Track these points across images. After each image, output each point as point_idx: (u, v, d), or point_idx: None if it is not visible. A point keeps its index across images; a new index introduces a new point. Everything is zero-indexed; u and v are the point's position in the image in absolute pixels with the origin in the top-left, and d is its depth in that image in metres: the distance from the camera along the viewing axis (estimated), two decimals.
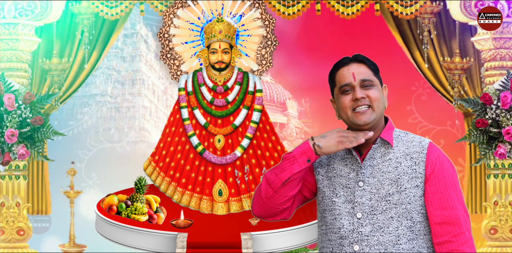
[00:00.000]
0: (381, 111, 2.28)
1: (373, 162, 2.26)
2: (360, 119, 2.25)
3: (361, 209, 2.22)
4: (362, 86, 2.26)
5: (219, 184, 5.42)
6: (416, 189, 2.21)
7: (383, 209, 2.20)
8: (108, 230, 5.23)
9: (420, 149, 2.25)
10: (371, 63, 2.31)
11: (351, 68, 2.29)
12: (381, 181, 2.23)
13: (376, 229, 2.20)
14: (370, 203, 2.22)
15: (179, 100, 5.50)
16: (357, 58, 2.31)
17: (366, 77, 2.26)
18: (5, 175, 5.60)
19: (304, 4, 5.79)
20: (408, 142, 2.28)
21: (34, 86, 5.78)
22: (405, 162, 2.24)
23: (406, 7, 5.78)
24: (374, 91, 2.26)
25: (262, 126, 5.53)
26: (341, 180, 2.29)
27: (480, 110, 5.23)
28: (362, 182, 2.24)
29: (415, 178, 2.22)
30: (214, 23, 5.39)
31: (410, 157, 2.24)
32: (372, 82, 2.27)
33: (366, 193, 2.23)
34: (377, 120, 2.27)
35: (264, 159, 5.47)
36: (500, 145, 5.15)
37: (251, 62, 5.55)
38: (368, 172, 2.25)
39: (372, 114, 2.25)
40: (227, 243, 4.97)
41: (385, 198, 2.21)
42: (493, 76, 5.63)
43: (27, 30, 5.64)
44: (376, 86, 2.27)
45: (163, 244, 5.07)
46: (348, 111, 2.27)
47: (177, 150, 5.46)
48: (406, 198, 2.20)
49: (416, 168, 2.22)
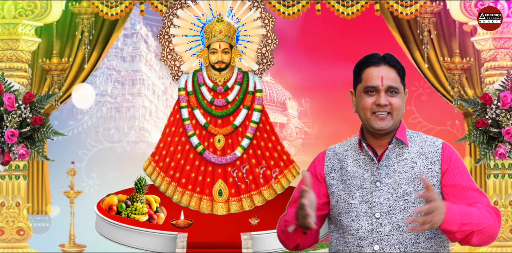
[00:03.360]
0: (399, 118, 2.29)
1: (388, 163, 2.27)
2: (378, 124, 2.26)
3: (379, 209, 2.23)
4: (387, 92, 2.25)
5: (219, 184, 5.42)
6: (433, 188, 2.19)
7: (402, 208, 2.22)
8: (108, 230, 5.23)
9: (435, 148, 2.28)
10: (401, 68, 2.29)
11: (382, 71, 2.26)
12: (397, 181, 2.24)
13: (395, 228, 2.21)
14: (388, 203, 2.23)
15: (179, 100, 5.50)
16: (389, 62, 2.28)
17: (393, 84, 2.25)
18: (5, 175, 5.60)
19: (304, 4, 5.79)
20: (421, 142, 2.30)
21: (34, 86, 5.78)
22: (421, 162, 2.26)
23: (406, 7, 5.78)
24: (397, 99, 2.25)
25: (262, 126, 5.53)
26: (355, 181, 2.29)
27: (480, 110, 5.23)
28: (379, 182, 2.26)
29: (431, 177, 2.24)
30: (214, 23, 5.39)
31: (425, 157, 2.27)
32: (398, 89, 2.25)
33: (384, 193, 2.24)
34: (393, 126, 2.29)
35: (264, 159, 5.47)
36: (500, 145, 5.15)
37: (251, 62, 5.55)
38: (385, 172, 2.26)
39: (390, 121, 2.26)
40: (227, 243, 4.97)
41: (403, 198, 2.22)
42: (493, 76, 5.63)
43: (27, 30, 5.64)
44: (400, 94, 2.26)
45: (163, 244, 5.07)
46: (367, 112, 2.27)
47: (177, 150, 5.46)
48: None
49: (432, 167, 2.25)
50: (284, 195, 5.45)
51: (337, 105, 6.00)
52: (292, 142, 6.48)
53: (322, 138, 6.16)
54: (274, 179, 5.40)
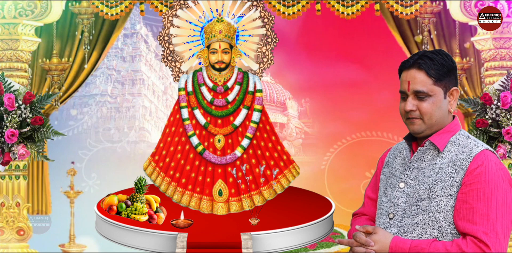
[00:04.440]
0: (433, 122, 2.19)
1: (421, 165, 2.22)
2: (411, 128, 2.23)
3: (395, 210, 2.22)
4: (415, 97, 2.19)
5: (219, 184, 5.42)
6: (449, 198, 2.13)
7: (412, 213, 2.18)
8: (108, 230, 5.23)
9: (467, 156, 2.15)
10: (435, 69, 2.17)
11: (409, 75, 2.19)
12: (420, 185, 2.18)
13: (400, 232, 2.19)
14: (404, 206, 2.20)
15: (179, 100, 5.49)
16: (419, 65, 2.18)
17: (420, 89, 2.17)
18: (5, 175, 5.60)
19: (304, 4, 5.79)
20: (460, 148, 2.19)
21: (34, 86, 5.78)
22: (447, 169, 2.16)
23: (406, 7, 5.78)
24: (426, 103, 2.17)
25: (262, 126, 5.53)
26: (393, 179, 2.29)
27: (480, 110, 5.23)
28: (404, 183, 2.23)
29: (450, 187, 2.13)
30: (214, 23, 5.39)
31: (454, 164, 2.15)
32: (427, 93, 2.17)
33: (404, 195, 2.21)
34: (429, 129, 2.21)
35: (264, 159, 5.47)
36: (500, 145, 5.15)
37: (251, 62, 5.55)
38: (413, 174, 2.22)
39: (421, 126, 2.20)
40: (227, 243, 4.97)
41: (416, 203, 2.17)
42: (493, 76, 5.63)
43: (27, 30, 5.64)
44: (432, 97, 2.17)
45: (163, 244, 5.06)
46: (403, 117, 2.26)
47: (177, 150, 5.46)
48: (435, 206, 2.14)
49: (454, 176, 2.13)
50: (284, 195, 5.45)
51: (337, 105, 6.00)
52: (292, 142, 6.48)
53: (322, 138, 6.16)
54: (275, 179, 5.40)
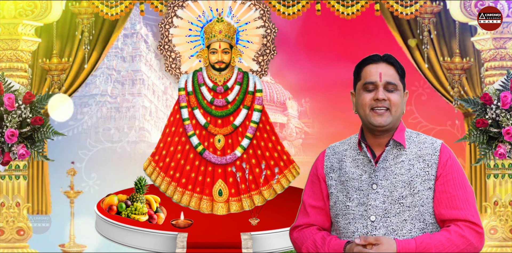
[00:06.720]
0: (398, 115, 2.28)
1: (386, 164, 2.26)
2: (376, 120, 2.25)
3: (374, 212, 2.23)
4: (385, 88, 2.26)
5: (219, 184, 5.42)
6: (429, 191, 2.22)
7: (397, 212, 2.21)
8: (108, 230, 5.23)
9: (433, 151, 2.26)
10: (400, 67, 2.31)
11: (380, 68, 2.28)
12: (394, 183, 2.23)
13: (390, 232, 2.21)
14: (384, 206, 2.22)
15: (179, 100, 5.50)
16: (388, 59, 2.30)
17: (392, 80, 2.26)
18: (5, 175, 5.60)
19: (304, 4, 5.79)
20: (420, 144, 2.29)
21: (34, 86, 5.78)
22: (418, 164, 2.24)
23: (406, 7, 5.78)
24: (396, 95, 2.26)
25: (262, 126, 5.53)
26: (353, 183, 2.29)
27: (480, 110, 5.23)
28: (376, 184, 2.24)
29: (427, 180, 2.23)
30: (214, 23, 5.39)
31: (423, 159, 2.25)
32: (396, 86, 2.27)
33: (380, 196, 2.23)
34: (393, 124, 2.27)
35: (264, 159, 5.47)
36: (500, 145, 5.15)
37: (251, 62, 5.55)
38: (381, 174, 2.25)
39: (388, 117, 2.25)
40: (227, 243, 4.97)
41: (398, 201, 2.22)
42: (493, 76, 5.63)
43: (27, 30, 5.64)
44: (399, 91, 2.27)
45: (163, 244, 5.07)
46: (366, 109, 2.27)
47: (177, 150, 5.46)
48: (419, 200, 2.22)
49: (429, 170, 2.24)
50: (284, 195, 5.45)
51: (337, 105, 6.00)
52: (292, 142, 6.48)
53: (322, 138, 6.16)
54: (275, 179, 5.40)
